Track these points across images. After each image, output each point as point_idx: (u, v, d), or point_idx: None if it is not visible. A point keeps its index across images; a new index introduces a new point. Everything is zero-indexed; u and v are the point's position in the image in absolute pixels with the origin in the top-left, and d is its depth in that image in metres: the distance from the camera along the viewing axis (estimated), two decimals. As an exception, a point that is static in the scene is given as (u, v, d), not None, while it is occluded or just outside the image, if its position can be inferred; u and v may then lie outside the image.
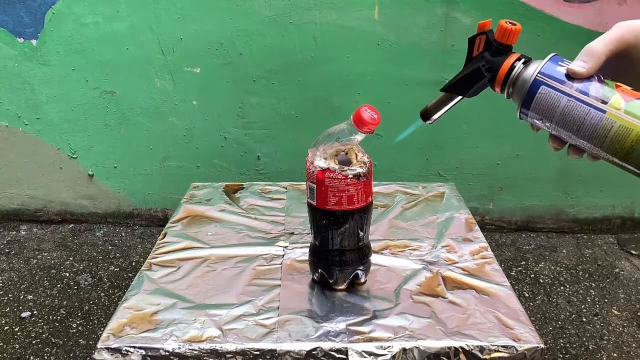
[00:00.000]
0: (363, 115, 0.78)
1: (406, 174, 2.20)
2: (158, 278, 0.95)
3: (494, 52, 0.60)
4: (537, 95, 0.56)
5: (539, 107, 0.57)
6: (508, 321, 0.83)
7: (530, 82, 0.56)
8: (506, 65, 0.59)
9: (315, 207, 0.85)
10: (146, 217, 2.36)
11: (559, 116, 0.55)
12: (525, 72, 0.58)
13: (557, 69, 0.56)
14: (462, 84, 0.64)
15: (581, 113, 0.54)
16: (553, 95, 0.55)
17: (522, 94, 0.57)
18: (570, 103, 0.54)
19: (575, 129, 0.55)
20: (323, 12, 1.99)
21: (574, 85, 0.54)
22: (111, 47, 2.07)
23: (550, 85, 0.55)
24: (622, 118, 0.52)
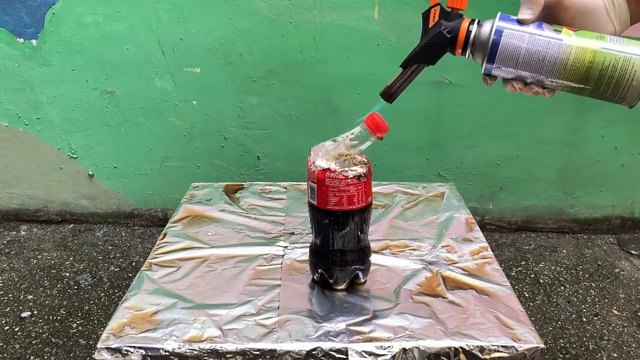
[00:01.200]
0: (379, 120, 0.79)
1: (406, 174, 2.20)
2: (158, 278, 0.95)
3: (450, 18, 0.68)
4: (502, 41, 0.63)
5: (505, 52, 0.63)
6: (508, 321, 0.83)
7: (492, 33, 0.64)
8: (464, 25, 0.67)
9: (315, 207, 0.85)
10: (146, 217, 2.36)
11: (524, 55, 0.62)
12: (483, 28, 0.66)
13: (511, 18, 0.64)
14: (426, 53, 0.69)
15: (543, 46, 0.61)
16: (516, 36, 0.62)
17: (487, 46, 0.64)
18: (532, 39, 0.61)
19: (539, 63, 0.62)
20: (323, 12, 1.99)
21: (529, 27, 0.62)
22: (111, 47, 2.07)
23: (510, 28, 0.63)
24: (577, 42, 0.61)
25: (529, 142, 2.14)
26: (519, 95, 2.32)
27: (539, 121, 2.11)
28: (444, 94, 2.08)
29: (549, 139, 2.14)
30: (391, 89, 0.73)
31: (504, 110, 2.11)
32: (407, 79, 0.72)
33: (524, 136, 2.14)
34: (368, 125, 0.80)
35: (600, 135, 2.12)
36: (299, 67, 2.07)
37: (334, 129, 2.37)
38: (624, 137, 2.12)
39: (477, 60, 0.68)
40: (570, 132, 2.13)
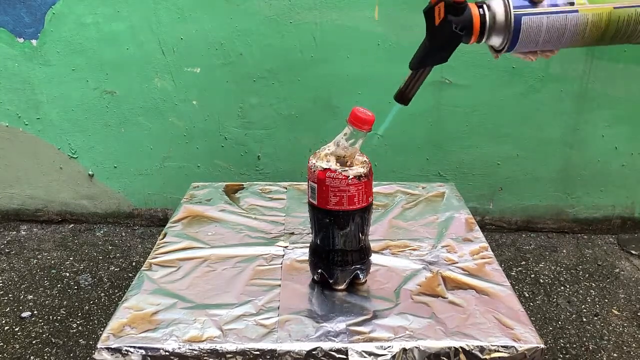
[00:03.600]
0: (359, 114, 0.78)
1: (406, 174, 2.20)
2: (158, 278, 0.95)
3: (457, 12, 0.64)
4: (522, 29, 0.62)
5: (527, 35, 0.63)
6: (508, 321, 0.83)
7: (511, 21, 0.62)
8: (476, 19, 0.64)
9: (316, 207, 0.85)
10: (146, 217, 2.36)
11: (545, 34, 0.62)
12: (498, 15, 0.63)
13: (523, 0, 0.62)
14: (439, 53, 0.67)
15: (561, 21, 0.62)
16: (535, 21, 0.62)
17: (508, 33, 0.63)
18: (550, 18, 0.61)
19: (561, 36, 0.63)
20: (323, 12, 1.99)
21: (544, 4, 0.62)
22: (111, 47, 2.07)
23: (527, 14, 0.61)
24: (591, 8, 0.62)
25: (529, 142, 2.14)
26: (520, 95, 2.32)
27: (539, 121, 2.11)
28: (444, 94, 2.08)
29: (549, 139, 2.14)
30: (405, 92, 0.71)
31: (504, 110, 2.11)
32: (419, 80, 0.70)
33: (524, 136, 2.14)
34: (352, 123, 0.80)
35: (600, 135, 2.12)
36: (299, 67, 2.07)
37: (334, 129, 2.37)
38: (624, 137, 2.12)
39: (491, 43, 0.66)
40: (570, 132, 2.13)
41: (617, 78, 2.04)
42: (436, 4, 0.63)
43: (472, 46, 2.34)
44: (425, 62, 0.68)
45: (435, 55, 0.67)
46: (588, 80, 2.05)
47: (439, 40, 0.66)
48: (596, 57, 2.01)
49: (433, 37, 0.66)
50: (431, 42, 0.66)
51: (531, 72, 2.04)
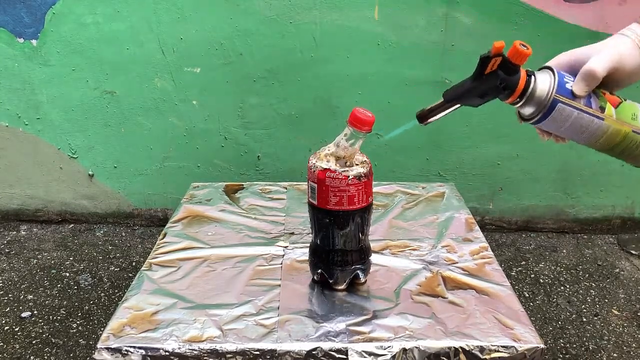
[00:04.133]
0: (359, 115, 0.78)
1: (406, 174, 2.20)
2: (158, 278, 0.95)
3: (508, 71, 0.67)
4: (555, 111, 0.66)
5: (555, 119, 0.67)
6: (508, 321, 0.83)
7: (549, 101, 0.66)
8: (521, 84, 0.67)
9: (316, 207, 0.85)
10: (146, 217, 2.36)
11: (569, 125, 0.67)
12: (540, 90, 0.67)
13: (566, 86, 0.66)
14: (474, 97, 0.70)
15: (587, 121, 0.67)
16: (566, 110, 0.66)
17: (540, 109, 0.67)
18: (580, 115, 0.66)
19: (580, 132, 0.68)
20: (323, 12, 1.99)
21: (581, 101, 0.66)
22: (111, 47, 2.07)
23: (564, 102, 0.66)
24: (615, 122, 0.67)
25: (529, 142, 2.14)
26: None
27: (539, 121, 2.11)
28: (444, 94, 2.08)
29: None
30: (428, 114, 0.72)
31: (503, 111, 2.10)
32: (445, 111, 0.72)
33: (524, 136, 2.14)
34: (352, 124, 0.80)
35: (600, 135, 2.12)
36: (299, 67, 2.07)
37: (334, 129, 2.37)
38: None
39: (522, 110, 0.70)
40: (570, 132, 2.13)
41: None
42: (495, 56, 0.65)
43: (472, 46, 2.33)
44: (459, 100, 0.70)
45: (471, 98, 0.70)
46: (588, 80, 2.05)
47: (481, 88, 0.68)
48: (596, 57, 2.01)
49: (477, 82, 0.68)
50: (473, 85, 0.69)
51: (531, 72, 2.04)
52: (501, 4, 1.96)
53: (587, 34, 1.98)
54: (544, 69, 0.70)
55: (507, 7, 1.96)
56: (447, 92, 0.71)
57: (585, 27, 1.98)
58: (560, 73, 0.68)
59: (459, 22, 1.98)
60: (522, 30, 1.98)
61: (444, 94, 0.71)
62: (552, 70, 0.68)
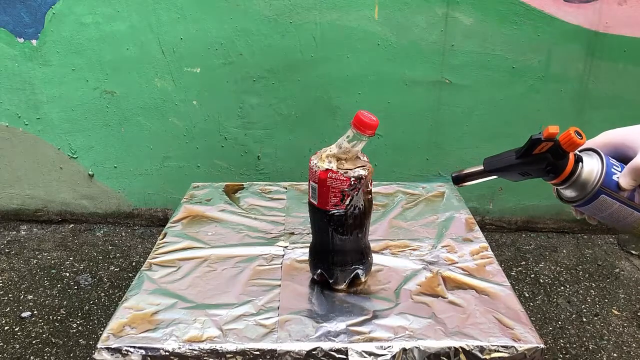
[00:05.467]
0: (364, 118, 0.78)
1: (406, 174, 2.20)
2: (158, 278, 0.95)
3: (557, 156, 0.65)
4: (596, 201, 0.66)
5: (595, 207, 0.67)
6: (508, 321, 0.83)
7: (593, 191, 0.65)
8: (568, 169, 0.66)
9: (316, 207, 0.85)
10: (146, 217, 2.36)
11: (608, 214, 0.67)
12: (585, 178, 0.66)
13: (613, 178, 0.65)
14: (516, 174, 0.69)
15: (626, 214, 0.67)
16: (608, 201, 0.66)
17: (583, 196, 0.66)
18: (620, 207, 0.66)
19: (616, 221, 0.68)
20: (323, 12, 1.99)
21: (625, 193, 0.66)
22: (111, 47, 2.07)
23: (607, 194, 0.65)
24: None
25: (529, 142, 2.14)
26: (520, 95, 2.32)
27: (539, 121, 2.11)
28: (444, 94, 2.08)
29: (549, 139, 2.13)
30: (465, 178, 0.73)
31: (503, 110, 2.11)
32: (482, 178, 0.72)
33: (524, 136, 2.12)
34: (355, 126, 0.80)
35: (600, 135, 2.12)
36: (299, 67, 2.07)
37: (334, 129, 2.38)
38: None
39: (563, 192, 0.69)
40: (570, 132, 2.13)
41: (617, 78, 2.04)
42: (547, 140, 0.64)
43: (472, 46, 2.32)
44: (499, 172, 0.70)
45: (512, 173, 0.69)
46: (588, 80, 2.05)
47: (525, 166, 0.67)
48: (596, 57, 2.02)
49: (522, 159, 0.67)
50: (517, 161, 0.67)
51: (531, 72, 2.04)
52: (501, 4, 1.96)
53: (587, 34, 1.98)
54: (590, 152, 0.68)
55: (507, 7, 1.96)
56: (489, 160, 0.70)
57: (585, 27, 1.98)
58: (609, 161, 0.66)
59: (459, 22, 1.98)
60: (522, 30, 1.98)
61: (484, 162, 0.70)
62: (600, 156, 0.67)
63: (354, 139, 0.81)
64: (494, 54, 2.02)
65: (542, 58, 2.02)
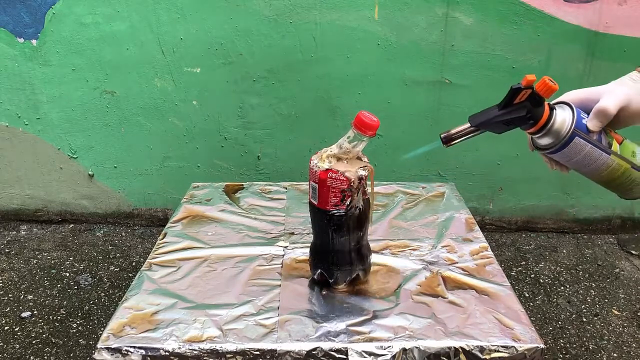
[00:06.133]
0: (365, 119, 0.78)
1: (406, 174, 2.20)
2: (158, 278, 0.95)
3: (535, 103, 0.71)
4: (570, 144, 0.72)
5: (569, 151, 0.72)
6: (508, 321, 0.83)
7: (567, 135, 0.71)
8: (545, 116, 0.72)
9: (316, 207, 0.85)
10: (146, 217, 2.36)
11: (580, 158, 0.72)
12: (559, 124, 0.72)
13: (582, 122, 0.72)
14: (500, 125, 0.75)
15: (596, 155, 0.72)
16: (581, 144, 0.71)
17: (558, 141, 0.72)
18: (591, 149, 0.72)
19: (587, 164, 0.73)
20: (323, 12, 1.99)
21: (593, 135, 0.72)
22: (111, 47, 2.07)
23: (580, 136, 0.71)
24: (618, 158, 0.74)
25: (529, 142, 2.14)
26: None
27: (539, 121, 2.11)
28: (444, 94, 2.08)
29: (549, 139, 2.13)
30: (453, 136, 0.76)
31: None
32: (470, 135, 0.76)
33: (524, 136, 2.13)
34: (356, 127, 0.80)
35: (600, 135, 2.12)
36: (299, 67, 2.07)
37: (334, 129, 2.37)
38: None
39: (539, 140, 0.74)
40: (570, 132, 2.13)
41: (617, 78, 2.04)
42: (526, 88, 0.70)
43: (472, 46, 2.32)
44: (485, 125, 0.75)
45: (497, 125, 0.75)
46: (588, 80, 2.05)
47: (508, 116, 0.73)
48: (596, 57, 2.02)
49: (504, 110, 0.73)
50: (500, 113, 0.74)
51: (531, 72, 2.03)
52: (501, 4, 1.96)
53: (587, 34, 1.98)
54: (561, 104, 0.74)
55: (507, 7, 1.96)
56: (474, 117, 0.75)
57: (584, 27, 1.98)
58: (578, 110, 0.72)
59: (459, 22, 1.98)
60: (522, 30, 1.98)
61: (470, 118, 0.75)
62: (570, 106, 0.73)
63: (354, 139, 0.81)
64: (494, 54, 2.02)
65: (542, 58, 2.02)
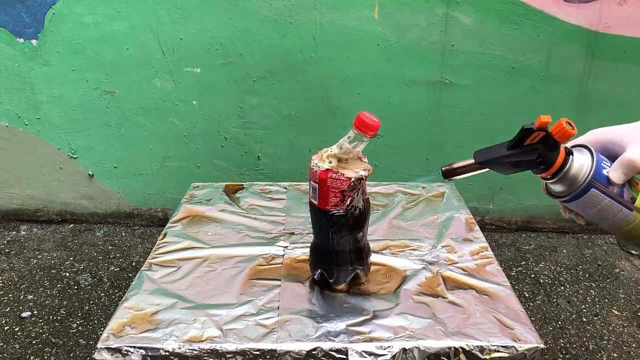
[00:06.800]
0: (366, 119, 0.78)
1: (406, 174, 2.20)
2: (158, 278, 0.95)
3: (548, 147, 0.63)
4: (586, 195, 0.64)
5: (585, 202, 0.65)
6: (508, 321, 0.83)
7: (583, 184, 0.63)
8: (559, 161, 0.64)
9: (316, 207, 0.85)
10: (146, 217, 2.36)
11: (597, 210, 0.65)
12: (575, 171, 0.64)
13: (603, 172, 0.64)
14: (508, 167, 0.67)
15: (615, 210, 0.64)
16: (599, 196, 0.64)
17: (572, 190, 0.64)
18: (609, 203, 0.64)
19: (605, 218, 0.65)
20: (323, 12, 1.99)
21: (614, 188, 0.64)
22: (111, 47, 2.07)
23: (598, 188, 0.63)
24: None
25: (529, 142, 2.14)
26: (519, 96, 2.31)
27: (539, 121, 2.11)
28: (444, 94, 2.08)
29: (549, 139, 2.13)
30: (455, 171, 0.71)
31: (504, 110, 2.11)
32: (473, 172, 0.70)
33: (524, 136, 2.14)
34: (357, 127, 0.80)
35: (600, 135, 2.12)
36: (299, 67, 2.07)
37: (333, 129, 2.37)
38: None
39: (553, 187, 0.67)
40: (570, 132, 2.13)
41: (617, 78, 2.04)
42: (538, 130, 0.62)
43: (472, 46, 2.32)
44: (490, 164, 0.68)
45: (503, 165, 0.67)
46: (588, 80, 2.05)
47: (516, 158, 0.65)
48: (596, 57, 2.02)
49: (513, 150, 0.65)
50: (508, 153, 0.66)
51: (531, 72, 2.04)
52: (501, 4, 1.96)
53: (587, 34, 1.98)
54: (581, 147, 0.67)
55: (507, 7, 1.96)
56: (479, 153, 0.68)
57: (584, 27, 1.98)
58: (599, 156, 0.65)
59: (459, 22, 1.98)
60: (522, 30, 1.98)
61: (475, 154, 0.68)
62: (590, 151, 0.65)
63: (355, 139, 0.81)
64: (494, 54, 2.02)
65: (542, 58, 2.02)
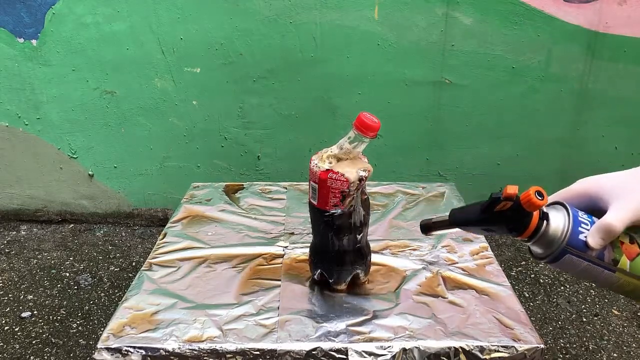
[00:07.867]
0: (366, 120, 0.78)
1: (406, 174, 2.20)
2: (158, 278, 0.95)
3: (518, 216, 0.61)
4: (563, 259, 0.62)
5: (563, 265, 0.62)
6: (508, 321, 0.83)
7: (558, 250, 0.61)
8: (531, 227, 0.62)
9: (316, 207, 0.85)
10: (146, 217, 2.36)
11: (579, 271, 0.62)
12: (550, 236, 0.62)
13: (579, 237, 0.61)
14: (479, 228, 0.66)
15: (596, 272, 0.61)
16: (575, 261, 0.61)
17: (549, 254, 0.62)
18: (589, 267, 0.61)
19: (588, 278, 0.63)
20: (323, 12, 1.99)
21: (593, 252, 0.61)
22: (111, 47, 2.07)
23: (573, 253, 0.61)
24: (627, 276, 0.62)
25: (529, 142, 2.14)
26: (519, 96, 2.31)
27: (539, 121, 2.11)
28: (444, 94, 2.08)
29: (549, 139, 2.14)
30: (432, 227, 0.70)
31: (503, 110, 2.11)
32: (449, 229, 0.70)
33: (524, 136, 2.14)
34: (357, 128, 0.80)
35: (601, 135, 2.12)
36: (299, 67, 2.07)
37: (333, 129, 2.37)
38: (624, 137, 2.12)
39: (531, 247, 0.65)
40: (570, 132, 2.13)
41: (617, 78, 2.04)
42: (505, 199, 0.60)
43: (472, 45, 2.32)
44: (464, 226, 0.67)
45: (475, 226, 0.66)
46: (588, 80, 2.05)
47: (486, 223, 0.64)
48: (596, 57, 2.02)
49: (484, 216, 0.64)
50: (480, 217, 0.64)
51: (531, 72, 2.04)
52: (501, 4, 1.96)
53: (587, 34, 1.98)
54: (558, 205, 0.64)
55: (507, 7, 1.96)
56: (455, 213, 0.67)
57: (584, 27, 1.98)
58: (576, 218, 0.62)
59: (459, 22, 1.98)
60: (522, 30, 1.98)
61: (450, 213, 0.67)
62: (567, 211, 0.62)
63: (355, 140, 0.81)
64: (494, 54, 2.02)
65: (542, 58, 2.02)
